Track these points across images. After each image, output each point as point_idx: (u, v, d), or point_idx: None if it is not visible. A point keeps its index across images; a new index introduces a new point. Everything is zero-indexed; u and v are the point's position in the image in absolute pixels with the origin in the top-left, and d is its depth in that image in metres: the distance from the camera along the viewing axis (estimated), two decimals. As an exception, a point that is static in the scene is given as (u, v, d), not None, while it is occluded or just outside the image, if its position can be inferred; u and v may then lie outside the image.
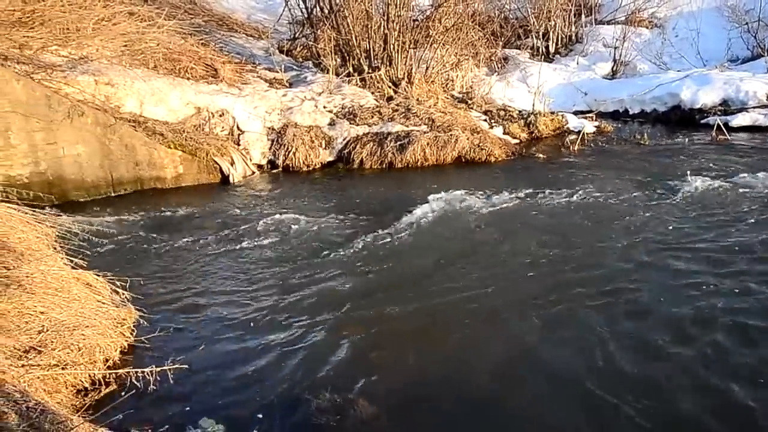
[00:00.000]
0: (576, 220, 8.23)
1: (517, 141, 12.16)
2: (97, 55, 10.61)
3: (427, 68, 13.18)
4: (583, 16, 17.24)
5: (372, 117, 11.64)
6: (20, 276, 5.26)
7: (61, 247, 6.38)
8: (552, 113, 12.90)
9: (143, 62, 11.06)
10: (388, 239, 7.77)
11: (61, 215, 7.38)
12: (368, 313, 6.14)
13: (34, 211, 6.62)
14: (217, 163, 10.19)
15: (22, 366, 4.53)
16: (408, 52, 12.88)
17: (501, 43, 15.80)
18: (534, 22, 16.40)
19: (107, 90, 10.13)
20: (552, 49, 16.48)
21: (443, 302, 6.29)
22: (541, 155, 11.37)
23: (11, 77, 8.69)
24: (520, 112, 13.03)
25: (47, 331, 4.96)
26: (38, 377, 4.52)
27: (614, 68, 15.44)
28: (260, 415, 4.78)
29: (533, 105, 13.04)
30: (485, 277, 6.73)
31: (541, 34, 16.43)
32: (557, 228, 7.96)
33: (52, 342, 4.90)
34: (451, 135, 11.15)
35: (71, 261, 6.11)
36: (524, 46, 16.55)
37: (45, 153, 9.05)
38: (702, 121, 12.76)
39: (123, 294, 5.90)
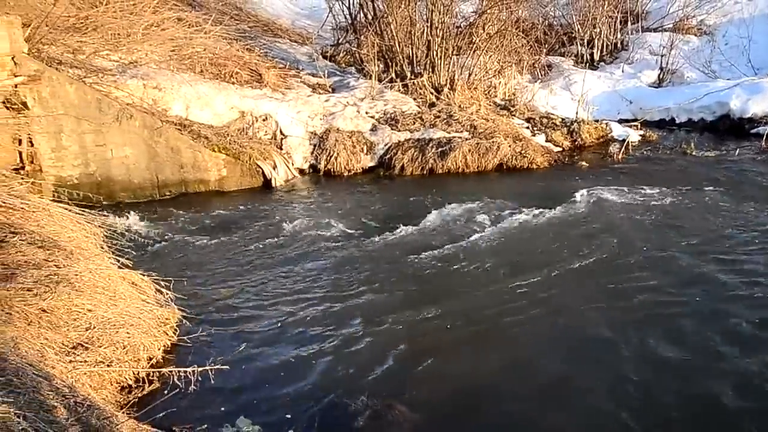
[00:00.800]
0: (624, 230, 8.09)
1: (560, 149, 12.00)
2: (146, 60, 10.89)
3: (469, 75, 13.14)
4: (629, 23, 16.96)
5: (414, 123, 11.64)
6: (69, 274, 5.41)
7: (108, 246, 6.54)
8: (596, 121, 12.71)
9: (190, 67, 11.30)
10: (432, 247, 7.75)
11: (108, 216, 7.56)
12: (411, 321, 6.14)
13: (83, 211, 6.79)
14: (260, 167, 10.31)
15: (70, 362, 4.67)
16: (451, 58, 12.86)
17: (545, 50, 15.60)
18: (579, 29, 16.20)
19: (155, 94, 10.38)
20: (597, 57, 16.24)
21: (490, 313, 6.23)
22: (584, 164, 11.20)
23: (65, 81, 8.97)
24: (563, 119, 12.87)
25: (94, 328, 5.10)
26: (85, 373, 4.65)
27: (661, 76, 15.10)
28: (296, 417, 4.82)
29: (576, 113, 12.87)
30: (534, 289, 6.66)
31: (585, 41, 16.21)
32: (606, 237, 7.85)
33: (98, 339, 5.05)
34: (492, 142, 11.08)
35: (118, 260, 6.27)
36: (568, 54, 16.34)
37: (94, 155, 9.31)
38: (752, 131, 12.42)
39: (167, 294, 6.04)
